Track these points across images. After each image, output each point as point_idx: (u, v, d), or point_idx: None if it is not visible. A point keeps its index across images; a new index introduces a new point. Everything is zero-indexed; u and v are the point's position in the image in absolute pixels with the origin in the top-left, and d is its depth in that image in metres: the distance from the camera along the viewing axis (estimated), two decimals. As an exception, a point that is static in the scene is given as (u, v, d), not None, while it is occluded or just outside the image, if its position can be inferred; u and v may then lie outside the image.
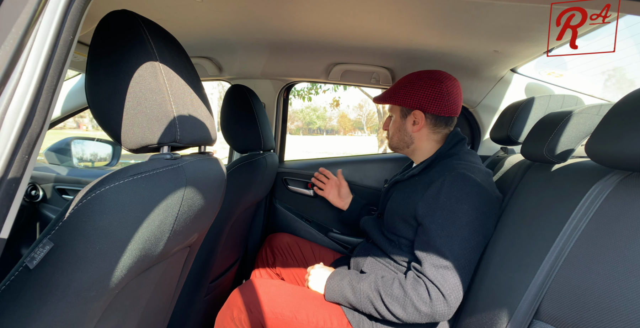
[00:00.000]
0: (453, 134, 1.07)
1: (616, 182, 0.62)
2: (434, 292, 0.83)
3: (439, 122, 1.08)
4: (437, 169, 0.98)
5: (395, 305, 0.87)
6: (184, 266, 0.88)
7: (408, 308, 0.85)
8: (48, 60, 0.38)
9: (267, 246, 1.49)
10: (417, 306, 0.85)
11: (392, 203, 1.05)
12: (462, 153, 1.03)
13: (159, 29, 0.64)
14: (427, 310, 0.84)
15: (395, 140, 1.15)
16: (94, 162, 1.69)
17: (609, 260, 0.56)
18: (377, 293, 0.90)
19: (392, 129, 1.15)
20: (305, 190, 1.83)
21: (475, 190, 0.89)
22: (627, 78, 46.81)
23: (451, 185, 0.90)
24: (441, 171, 0.95)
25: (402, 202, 1.00)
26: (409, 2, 0.89)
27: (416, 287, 0.85)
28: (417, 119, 1.07)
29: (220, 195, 0.84)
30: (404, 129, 1.11)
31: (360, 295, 0.93)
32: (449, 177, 0.91)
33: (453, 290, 0.83)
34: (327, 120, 58.26)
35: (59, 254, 0.45)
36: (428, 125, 1.08)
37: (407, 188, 1.03)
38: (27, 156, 0.38)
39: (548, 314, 0.63)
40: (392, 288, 0.88)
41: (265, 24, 1.11)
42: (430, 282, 0.84)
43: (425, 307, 0.84)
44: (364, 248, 1.13)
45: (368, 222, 1.18)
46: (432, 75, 1.06)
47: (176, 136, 0.60)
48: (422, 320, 0.86)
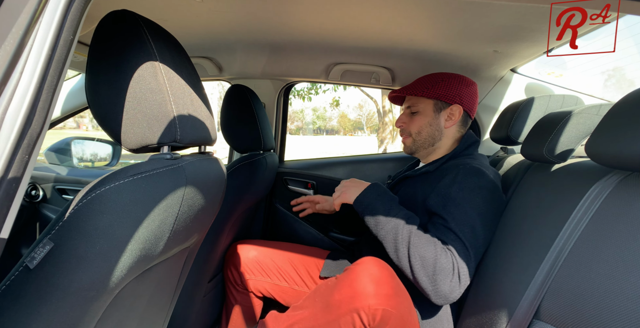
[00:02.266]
0: (469, 135, 1.09)
1: (616, 182, 0.62)
2: (456, 268, 0.79)
3: (466, 122, 1.10)
4: (451, 163, 1.00)
5: (418, 253, 0.81)
6: (184, 266, 0.88)
7: (428, 267, 0.79)
8: (48, 60, 0.38)
9: (231, 265, 1.28)
10: (437, 271, 0.79)
11: (401, 198, 1.01)
12: (476, 154, 1.06)
13: (159, 29, 0.64)
14: (442, 280, 0.79)
15: (424, 135, 1.09)
16: (94, 162, 1.69)
17: (609, 259, 0.56)
18: (408, 232, 0.84)
19: (419, 123, 1.09)
20: (305, 190, 1.83)
21: (489, 186, 0.90)
22: (627, 78, 46.78)
23: (465, 177, 0.90)
24: (455, 165, 0.96)
25: (414, 195, 0.99)
26: (409, 2, 0.89)
27: (445, 254, 0.80)
28: (453, 114, 1.07)
29: (220, 195, 0.84)
30: (436, 123, 1.08)
31: (389, 221, 0.87)
32: (463, 169, 0.92)
33: (466, 276, 0.80)
34: (327, 120, 58.23)
35: (59, 254, 0.45)
36: (459, 122, 1.09)
37: (418, 183, 1.03)
38: (27, 156, 0.38)
39: (548, 314, 0.63)
40: (424, 238, 0.83)
41: (265, 24, 1.11)
42: (455, 258, 0.81)
43: (443, 277, 0.79)
44: (368, 242, 1.11)
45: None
46: (463, 76, 1.09)
47: (176, 136, 0.60)
48: (428, 287, 0.80)
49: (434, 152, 1.11)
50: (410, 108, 1.11)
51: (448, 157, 1.04)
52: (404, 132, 1.14)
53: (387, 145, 9.40)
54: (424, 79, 1.11)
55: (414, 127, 1.11)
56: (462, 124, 1.10)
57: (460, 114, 1.07)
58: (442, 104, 1.07)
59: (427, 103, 1.09)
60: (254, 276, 1.23)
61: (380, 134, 10.02)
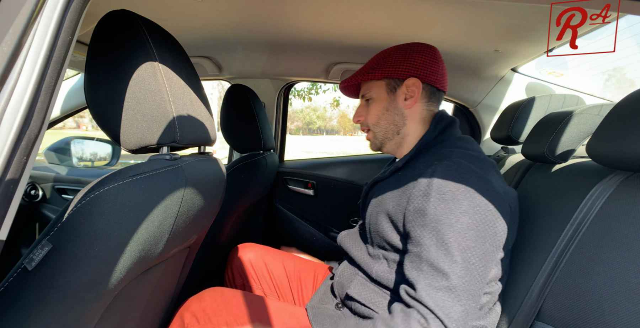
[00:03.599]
0: (440, 116, 0.86)
1: (617, 182, 0.62)
2: (434, 323, 0.60)
3: (434, 96, 0.88)
4: (425, 159, 0.77)
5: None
6: (184, 267, 0.88)
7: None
8: (46, 61, 0.38)
9: (228, 266, 1.22)
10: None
11: (372, 209, 0.84)
12: (454, 139, 0.82)
13: (159, 28, 0.63)
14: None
15: (383, 124, 0.89)
16: (93, 162, 1.69)
17: (611, 261, 0.56)
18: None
19: (374, 113, 0.90)
20: (305, 190, 1.83)
21: (475, 183, 0.67)
22: (628, 78, 46.75)
23: (443, 178, 0.68)
24: (429, 161, 0.75)
25: (385, 204, 0.79)
26: (409, 2, 0.89)
27: (407, 322, 0.62)
28: (412, 90, 0.85)
29: (220, 196, 0.83)
30: (393, 106, 0.87)
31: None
32: (439, 167, 0.70)
33: (458, 319, 0.60)
34: (327, 120, 58.24)
35: (58, 255, 0.45)
36: (423, 98, 0.87)
37: (389, 187, 0.81)
38: (25, 157, 0.37)
39: (549, 315, 0.63)
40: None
41: (265, 24, 1.11)
42: (427, 310, 0.61)
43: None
44: (347, 268, 0.91)
45: (347, 237, 0.96)
46: (417, 43, 0.89)
47: (175, 136, 0.60)
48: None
49: (404, 142, 0.89)
50: (365, 96, 0.92)
51: (417, 147, 0.83)
52: (363, 127, 0.95)
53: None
54: (371, 60, 0.92)
55: (370, 118, 0.91)
56: (429, 99, 0.87)
57: (419, 89, 0.84)
58: (394, 81, 0.87)
59: (379, 86, 0.89)
60: (247, 280, 1.17)
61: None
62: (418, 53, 0.85)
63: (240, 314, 0.83)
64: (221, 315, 0.82)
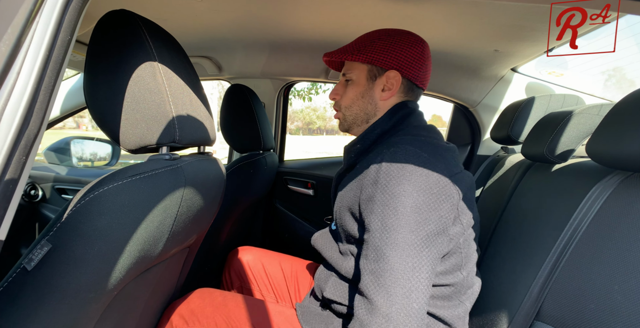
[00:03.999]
0: (397, 106, 0.83)
1: (617, 182, 0.62)
2: (376, 311, 0.59)
3: (411, 92, 0.85)
4: (377, 149, 0.76)
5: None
6: (183, 267, 0.88)
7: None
8: (45, 61, 0.38)
9: (226, 268, 1.21)
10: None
11: (337, 203, 0.82)
12: (411, 127, 0.80)
13: (158, 28, 0.63)
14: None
15: (354, 110, 0.86)
16: (93, 162, 1.69)
17: (611, 261, 0.56)
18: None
19: (349, 96, 0.86)
20: (305, 190, 1.82)
21: (420, 167, 0.66)
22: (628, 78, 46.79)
23: (389, 164, 0.67)
24: (380, 150, 0.73)
25: (346, 197, 0.78)
26: (409, 2, 0.89)
27: (359, 312, 0.62)
28: (390, 83, 0.82)
29: (219, 196, 0.83)
30: (369, 95, 0.84)
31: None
32: (387, 154, 0.69)
33: (400, 303, 0.58)
34: (327, 120, 58.25)
35: (57, 255, 0.45)
36: (400, 92, 0.84)
37: (348, 179, 0.80)
38: (24, 157, 0.37)
39: (549, 315, 0.63)
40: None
41: (265, 24, 1.11)
42: (366, 298, 0.62)
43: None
44: (323, 271, 0.89)
45: (320, 238, 0.93)
46: (409, 34, 0.84)
47: (175, 136, 0.60)
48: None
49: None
50: (345, 75, 0.88)
51: (366, 134, 0.82)
52: (336, 106, 0.91)
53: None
54: (361, 38, 0.87)
55: (345, 101, 0.87)
56: (406, 94, 0.84)
57: (398, 83, 0.81)
58: (377, 69, 0.83)
59: (361, 69, 0.85)
60: (245, 283, 1.17)
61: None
62: (407, 46, 0.82)
63: (231, 316, 0.82)
64: (210, 316, 0.82)
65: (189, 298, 0.87)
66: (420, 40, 0.84)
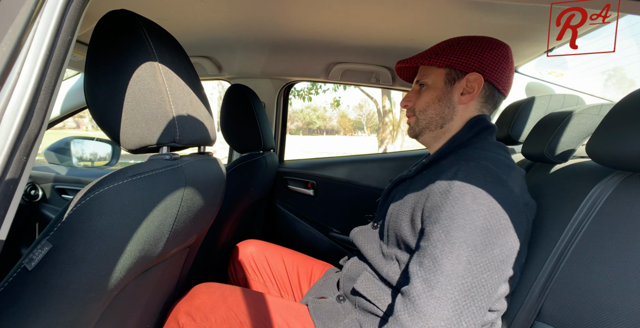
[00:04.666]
0: (478, 119, 0.80)
1: (617, 182, 0.62)
2: (420, 320, 0.58)
3: (491, 98, 0.82)
4: (451, 159, 0.75)
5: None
6: (183, 267, 0.88)
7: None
8: (46, 61, 0.38)
9: (231, 261, 1.22)
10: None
11: (395, 207, 0.80)
12: (487, 143, 0.78)
13: (158, 28, 0.63)
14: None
15: (430, 113, 0.83)
16: (93, 162, 1.69)
17: (611, 261, 0.56)
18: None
19: (425, 99, 0.84)
20: (305, 190, 1.83)
21: (498, 190, 0.64)
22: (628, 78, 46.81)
23: (466, 178, 0.65)
24: (455, 161, 0.72)
25: (407, 203, 0.76)
26: (409, 2, 0.89)
27: (399, 311, 0.62)
28: (471, 86, 0.80)
29: (220, 196, 0.83)
30: (447, 98, 0.82)
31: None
32: (464, 166, 0.67)
33: (449, 319, 0.57)
34: (327, 120, 58.25)
35: (58, 255, 0.45)
36: (480, 97, 0.81)
37: (413, 185, 0.78)
38: (25, 157, 0.37)
39: (550, 315, 0.63)
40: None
41: (265, 23, 1.11)
42: (412, 303, 0.60)
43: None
44: (356, 263, 0.90)
45: (360, 234, 0.93)
46: (491, 38, 0.82)
47: (175, 136, 0.60)
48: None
49: (442, 137, 0.85)
50: (419, 82, 0.87)
51: (447, 146, 0.79)
52: (409, 112, 0.89)
53: (387, 145, 9.41)
54: (438, 45, 0.87)
55: (419, 104, 0.85)
56: (486, 100, 0.81)
57: (480, 86, 0.79)
58: (456, 73, 0.81)
59: (437, 74, 0.84)
60: (248, 274, 1.19)
61: (380, 133, 10.02)
62: (489, 48, 0.80)
63: (239, 310, 0.82)
64: (216, 310, 0.81)
65: (192, 295, 0.87)
66: (503, 44, 0.82)
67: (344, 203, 1.78)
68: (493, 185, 0.64)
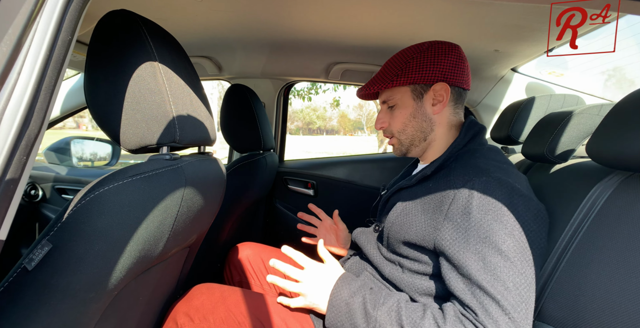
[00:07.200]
0: (470, 122, 0.83)
1: (617, 182, 0.62)
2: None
3: (460, 99, 0.86)
4: (459, 172, 0.73)
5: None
6: (183, 267, 0.88)
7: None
8: (46, 61, 0.38)
9: (227, 264, 1.22)
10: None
11: (398, 218, 0.80)
12: (486, 150, 0.79)
13: (158, 28, 0.63)
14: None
15: (410, 132, 0.85)
16: (93, 162, 1.69)
17: (611, 261, 0.56)
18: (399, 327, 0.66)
19: (400, 120, 0.86)
20: (305, 190, 1.83)
21: (518, 202, 0.65)
22: (628, 78, 46.81)
23: (484, 197, 0.65)
24: (465, 174, 0.71)
25: (415, 220, 0.75)
26: (409, 2, 0.89)
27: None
28: (439, 95, 0.82)
29: (220, 196, 0.83)
30: (421, 113, 0.84)
31: (374, 325, 0.68)
32: (478, 183, 0.67)
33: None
34: (327, 120, 58.24)
35: (58, 255, 0.45)
36: (450, 102, 0.84)
37: (418, 197, 0.78)
38: (25, 157, 0.37)
39: (549, 315, 0.63)
40: (422, 324, 0.63)
41: (265, 23, 1.11)
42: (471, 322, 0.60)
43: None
44: (357, 262, 0.91)
45: (362, 234, 0.95)
46: (440, 43, 0.84)
47: (175, 136, 0.60)
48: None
49: (431, 147, 0.87)
50: (387, 102, 0.89)
51: (446, 155, 0.80)
52: (386, 133, 0.91)
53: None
54: (390, 64, 0.87)
55: (395, 125, 0.87)
56: (456, 102, 0.85)
57: (448, 93, 0.82)
58: (420, 87, 0.83)
59: (403, 92, 0.85)
60: (245, 277, 1.18)
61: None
62: (444, 55, 0.82)
63: (238, 311, 0.82)
64: (215, 311, 0.81)
65: (190, 295, 0.87)
66: (453, 46, 0.84)
67: (344, 203, 1.78)
68: (514, 199, 0.65)
